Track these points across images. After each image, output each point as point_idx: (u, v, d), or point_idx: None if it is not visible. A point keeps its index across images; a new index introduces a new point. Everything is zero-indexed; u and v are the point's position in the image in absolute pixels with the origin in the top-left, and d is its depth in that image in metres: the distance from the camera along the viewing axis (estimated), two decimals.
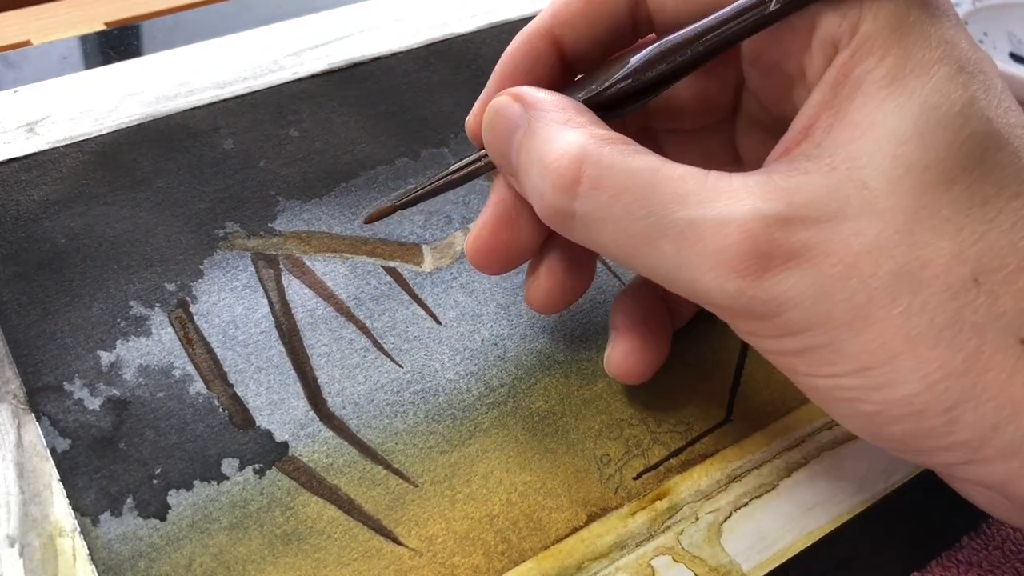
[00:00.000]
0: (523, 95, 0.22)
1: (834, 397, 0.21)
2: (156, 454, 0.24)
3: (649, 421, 0.27)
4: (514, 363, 0.28)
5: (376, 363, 0.27)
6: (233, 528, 0.23)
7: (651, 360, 0.26)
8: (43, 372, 0.25)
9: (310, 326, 0.28)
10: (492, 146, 0.23)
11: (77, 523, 0.23)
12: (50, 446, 0.24)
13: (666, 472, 0.26)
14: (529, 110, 0.22)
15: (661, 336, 0.26)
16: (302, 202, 0.31)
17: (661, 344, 0.26)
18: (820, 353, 0.20)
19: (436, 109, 0.35)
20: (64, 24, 0.39)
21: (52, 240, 0.28)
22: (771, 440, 0.27)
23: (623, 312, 0.27)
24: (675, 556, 0.24)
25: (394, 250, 0.30)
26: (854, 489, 0.26)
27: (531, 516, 0.24)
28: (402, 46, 0.37)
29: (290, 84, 0.34)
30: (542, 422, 0.26)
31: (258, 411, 0.26)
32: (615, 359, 0.26)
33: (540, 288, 0.25)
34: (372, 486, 0.24)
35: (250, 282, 0.28)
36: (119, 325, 0.27)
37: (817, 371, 0.20)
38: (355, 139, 0.33)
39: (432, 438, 0.26)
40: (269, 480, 0.24)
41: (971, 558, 0.25)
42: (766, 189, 0.20)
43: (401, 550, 0.23)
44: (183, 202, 0.30)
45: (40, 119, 0.32)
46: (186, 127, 0.32)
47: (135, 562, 0.22)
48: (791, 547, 0.24)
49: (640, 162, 0.20)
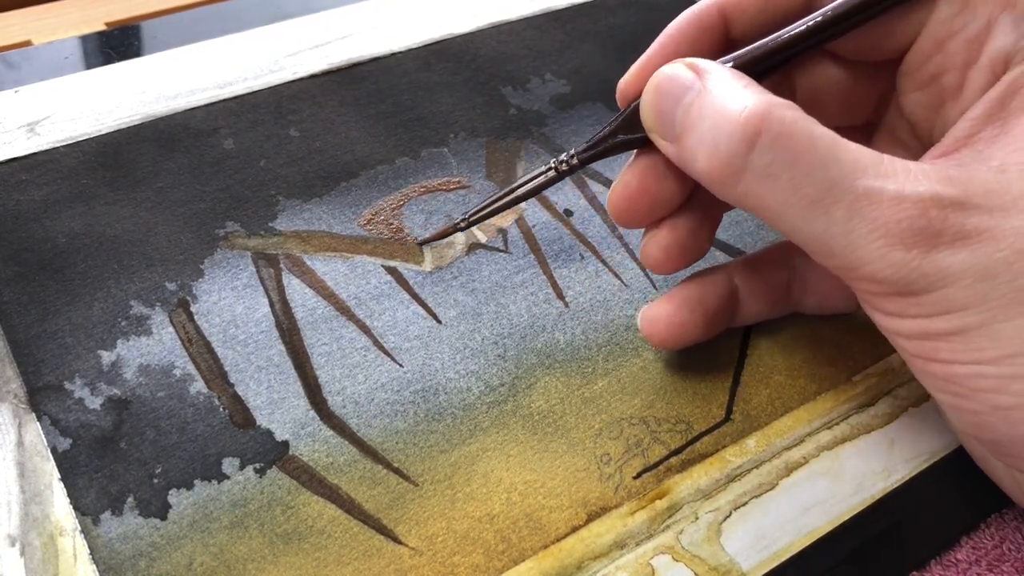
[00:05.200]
0: (697, 63, 0.23)
1: (971, 387, 0.21)
2: (157, 453, 0.24)
3: (649, 421, 0.27)
4: (514, 362, 0.28)
5: (376, 362, 0.27)
6: (233, 527, 0.23)
7: (680, 334, 0.26)
8: (44, 371, 0.25)
9: (310, 325, 0.28)
10: (654, 106, 0.23)
11: (78, 522, 0.23)
12: (51, 445, 0.24)
13: (666, 471, 0.26)
14: (703, 75, 0.22)
15: (709, 318, 0.27)
16: (302, 202, 0.31)
17: (701, 326, 0.27)
18: (968, 337, 0.20)
19: (436, 109, 0.35)
20: (65, 24, 0.39)
21: (53, 240, 0.28)
22: (771, 440, 0.27)
23: (687, 282, 0.27)
24: (675, 555, 0.24)
25: (394, 249, 0.30)
26: (854, 489, 0.26)
27: (531, 515, 0.24)
28: (402, 46, 0.37)
29: (290, 84, 0.34)
30: (542, 421, 0.26)
31: (258, 410, 0.26)
32: (647, 315, 0.27)
33: (659, 242, 0.26)
34: (372, 485, 0.24)
35: (250, 281, 0.28)
36: (120, 324, 0.27)
37: (960, 356, 0.21)
38: (355, 139, 0.33)
39: (432, 437, 0.26)
40: (269, 479, 0.24)
41: (971, 558, 0.25)
42: (942, 175, 0.20)
43: (401, 549, 0.23)
44: (183, 202, 0.30)
45: (41, 119, 0.32)
46: (186, 127, 0.32)
47: (136, 561, 0.22)
48: (791, 547, 0.24)
49: (822, 130, 0.21)
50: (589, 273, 0.30)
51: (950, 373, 0.21)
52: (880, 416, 0.27)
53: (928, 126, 0.25)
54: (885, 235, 0.20)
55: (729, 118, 0.21)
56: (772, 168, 0.21)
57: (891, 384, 0.28)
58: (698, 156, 0.22)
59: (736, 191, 0.22)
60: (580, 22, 0.39)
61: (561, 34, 0.39)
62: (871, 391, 0.28)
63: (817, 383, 0.28)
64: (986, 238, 0.20)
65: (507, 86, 0.36)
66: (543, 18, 0.39)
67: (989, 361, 0.20)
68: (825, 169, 0.20)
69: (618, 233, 0.32)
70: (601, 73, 0.37)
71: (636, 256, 0.31)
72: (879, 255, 0.20)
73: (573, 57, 0.38)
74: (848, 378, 0.28)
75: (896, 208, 0.20)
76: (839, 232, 0.20)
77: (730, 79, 0.22)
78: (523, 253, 0.31)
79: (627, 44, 0.39)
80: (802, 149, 0.20)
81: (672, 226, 0.26)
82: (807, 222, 0.21)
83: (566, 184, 0.33)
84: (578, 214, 0.32)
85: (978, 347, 0.20)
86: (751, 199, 0.21)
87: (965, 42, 0.22)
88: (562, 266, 0.30)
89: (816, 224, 0.21)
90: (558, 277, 0.30)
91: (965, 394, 0.21)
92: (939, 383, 0.22)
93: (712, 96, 0.22)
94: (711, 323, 0.27)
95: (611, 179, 0.33)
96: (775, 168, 0.21)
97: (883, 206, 0.20)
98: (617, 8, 0.40)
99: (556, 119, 0.35)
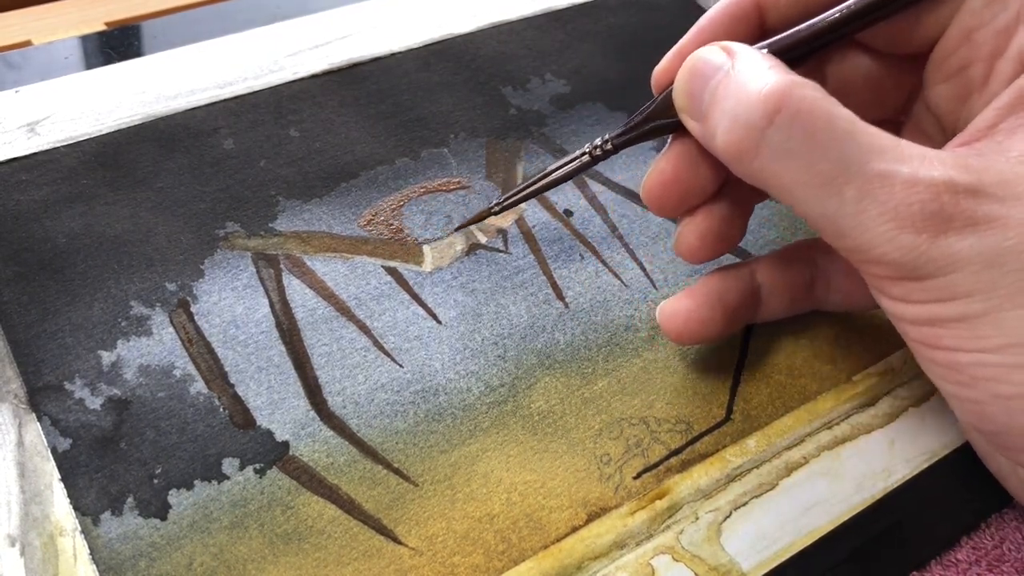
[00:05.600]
0: (730, 46, 0.23)
1: (973, 375, 0.21)
2: (157, 454, 0.24)
3: (649, 421, 0.27)
4: (514, 363, 0.28)
5: (376, 363, 0.27)
6: (233, 527, 0.23)
7: (700, 329, 0.26)
8: (44, 372, 0.25)
9: (310, 326, 0.28)
10: (685, 87, 0.23)
11: (78, 522, 0.23)
12: (51, 445, 0.24)
13: (666, 471, 0.26)
14: (733, 56, 0.22)
15: (729, 314, 0.27)
16: (302, 202, 0.31)
17: (721, 322, 0.27)
18: (972, 324, 0.20)
19: (436, 109, 0.35)
20: (65, 24, 0.39)
21: (53, 240, 0.28)
22: (771, 440, 0.27)
23: (709, 277, 0.27)
24: (675, 555, 0.24)
25: (394, 250, 0.30)
26: (854, 489, 0.26)
27: (531, 515, 0.24)
28: (402, 46, 0.37)
29: (290, 84, 0.34)
30: (542, 422, 0.26)
31: (259, 411, 0.26)
32: (667, 309, 0.27)
33: (694, 230, 0.26)
34: (372, 485, 0.24)
35: (251, 282, 0.28)
36: (120, 325, 0.27)
37: (964, 344, 0.21)
38: (355, 139, 0.33)
39: (432, 437, 0.26)
40: (269, 479, 0.24)
41: (971, 558, 0.25)
42: (958, 162, 0.20)
43: (401, 549, 0.23)
44: (183, 202, 0.30)
45: (41, 119, 0.32)
46: (186, 127, 0.32)
47: (136, 561, 0.22)
48: (791, 546, 0.24)
49: (841, 110, 0.21)
50: (589, 273, 0.30)
51: (953, 360, 0.21)
52: (880, 416, 0.27)
53: (953, 119, 0.25)
54: (895, 218, 0.20)
55: (751, 93, 0.21)
56: (789, 144, 0.21)
57: (891, 384, 0.28)
58: (718, 131, 0.22)
59: (752, 166, 0.22)
60: (580, 22, 0.39)
61: (561, 34, 0.39)
62: (871, 391, 0.28)
63: (817, 383, 0.28)
64: (997, 226, 0.20)
65: (507, 86, 0.36)
66: (543, 18, 0.39)
67: (992, 349, 0.20)
68: (841, 148, 0.20)
69: (618, 233, 0.32)
70: (601, 73, 0.37)
71: (636, 256, 0.31)
72: (888, 237, 0.20)
73: (573, 57, 0.38)
74: (848, 378, 0.28)
75: (908, 191, 0.20)
76: (850, 212, 0.20)
77: (759, 60, 0.22)
78: (523, 253, 0.31)
79: (627, 44, 0.39)
80: (820, 127, 0.20)
81: (707, 213, 0.26)
82: (820, 201, 0.21)
83: (566, 184, 0.33)
84: (578, 214, 0.32)
85: (982, 335, 0.20)
86: (767, 175, 0.21)
87: (994, 33, 0.22)
88: (562, 266, 0.30)
89: (828, 203, 0.21)
90: (558, 277, 0.30)
91: (967, 382, 0.21)
92: (941, 370, 0.22)
93: (738, 75, 0.22)
94: (731, 319, 0.27)
95: (611, 179, 0.33)
96: (792, 144, 0.21)
97: (895, 189, 0.20)
98: (617, 8, 0.40)
99: (556, 119, 0.35)
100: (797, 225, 0.33)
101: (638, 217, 0.32)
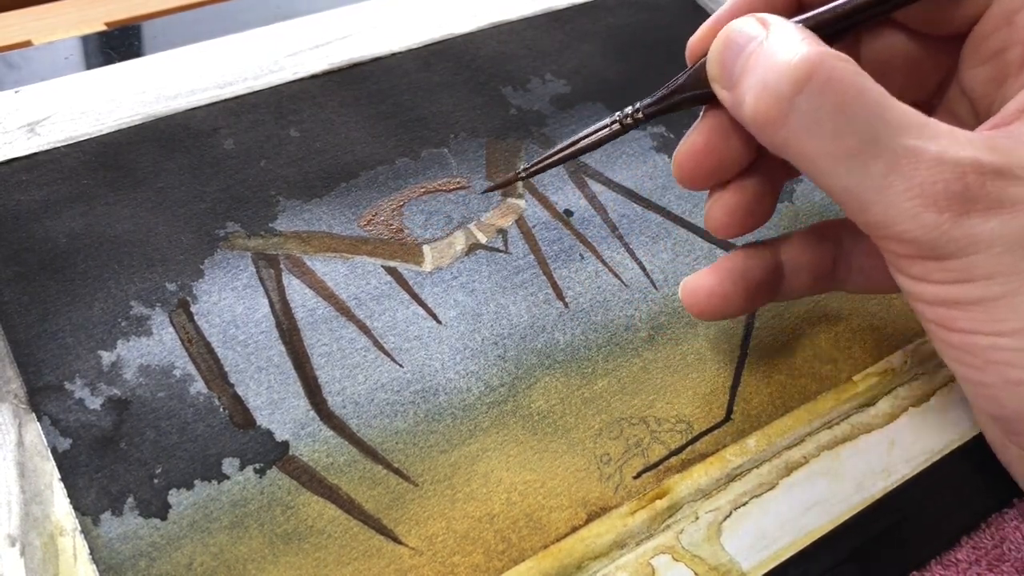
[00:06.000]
0: (766, 18, 0.23)
1: (986, 359, 0.21)
2: (157, 453, 0.24)
3: (649, 421, 0.27)
4: (514, 363, 0.28)
5: (376, 363, 0.27)
6: (234, 527, 0.23)
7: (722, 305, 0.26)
8: (44, 372, 0.26)
9: (310, 326, 0.28)
10: (718, 57, 0.23)
11: (78, 522, 0.23)
12: (51, 445, 0.24)
13: (666, 471, 0.26)
14: (768, 27, 0.22)
15: (751, 292, 0.26)
16: (302, 202, 0.31)
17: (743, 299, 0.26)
18: (989, 307, 0.20)
19: (436, 109, 0.35)
20: (65, 24, 0.39)
21: (53, 240, 0.28)
22: (771, 440, 0.27)
23: (732, 254, 0.27)
24: (675, 555, 0.24)
25: (394, 250, 0.30)
26: (854, 488, 0.26)
27: (531, 515, 0.24)
28: (402, 46, 0.37)
29: (290, 84, 0.34)
30: (542, 422, 0.26)
31: (258, 411, 0.26)
32: (689, 285, 0.26)
33: (724, 204, 0.25)
34: (372, 485, 0.24)
35: (251, 282, 0.28)
36: (120, 325, 0.27)
37: (979, 327, 0.21)
38: (355, 139, 0.33)
39: (432, 437, 0.26)
40: (269, 479, 0.24)
41: (971, 558, 0.25)
42: (988, 143, 0.20)
43: (401, 549, 0.23)
44: (184, 202, 0.30)
45: (41, 119, 0.32)
46: (187, 127, 0.32)
47: (136, 561, 0.22)
48: (791, 546, 0.24)
49: (872, 84, 0.21)
50: (589, 273, 0.30)
51: (967, 343, 0.21)
52: (880, 416, 0.27)
53: (987, 103, 0.24)
54: (920, 195, 0.20)
55: (781, 62, 0.21)
56: (817, 114, 0.20)
57: (891, 384, 0.28)
58: (747, 98, 0.22)
59: (779, 135, 0.21)
60: (580, 22, 0.39)
61: (561, 34, 0.39)
62: (871, 391, 0.28)
63: (817, 383, 0.28)
64: (1021, 209, 0.20)
65: (507, 86, 0.36)
66: (543, 18, 0.39)
67: (1008, 333, 0.20)
68: (869, 122, 0.20)
69: (618, 233, 0.32)
70: (601, 73, 0.37)
71: (636, 256, 0.31)
72: (911, 215, 0.20)
73: (573, 57, 0.38)
74: (848, 378, 0.28)
75: (934, 170, 0.20)
76: (874, 187, 0.20)
77: (793, 31, 0.22)
78: (523, 253, 0.31)
79: (627, 44, 0.39)
80: (849, 99, 0.20)
81: (738, 188, 0.25)
82: (845, 174, 0.21)
83: (566, 184, 0.33)
84: (578, 214, 0.32)
85: (998, 318, 0.20)
86: (793, 145, 0.21)
87: None
88: (562, 266, 0.30)
89: (853, 177, 0.21)
90: (558, 277, 0.30)
91: (980, 366, 0.21)
92: (955, 352, 0.22)
93: (771, 44, 0.22)
94: (753, 297, 0.26)
95: (611, 179, 0.33)
96: (820, 114, 0.20)
97: (921, 166, 0.20)
98: (617, 8, 0.40)
99: (556, 119, 0.35)
100: (797, 226, 0.33)
101: (638, 217, 0.32)
